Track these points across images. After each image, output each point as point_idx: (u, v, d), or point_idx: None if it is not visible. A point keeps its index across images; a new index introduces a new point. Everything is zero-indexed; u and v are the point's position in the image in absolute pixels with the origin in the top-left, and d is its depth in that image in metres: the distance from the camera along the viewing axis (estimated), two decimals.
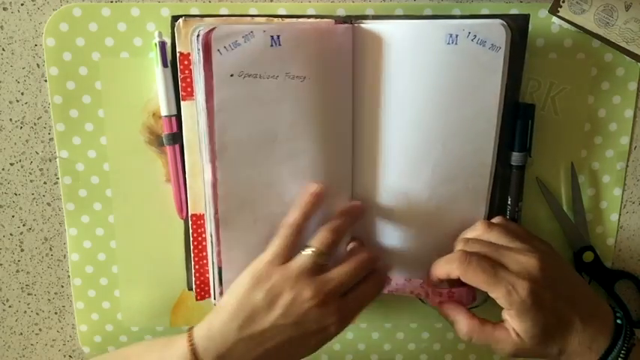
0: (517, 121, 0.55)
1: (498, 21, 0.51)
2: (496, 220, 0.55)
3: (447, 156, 0.54)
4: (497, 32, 0.50)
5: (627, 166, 0.59)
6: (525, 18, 0.52)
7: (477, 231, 0.53)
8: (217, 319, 0.48)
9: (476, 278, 0.48)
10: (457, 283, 0.51)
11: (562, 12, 0.54)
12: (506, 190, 0.57)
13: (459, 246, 0.51)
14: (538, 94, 0.57)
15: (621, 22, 0.54)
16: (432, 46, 0.51)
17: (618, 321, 0.49)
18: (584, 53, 0.56)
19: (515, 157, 0.56)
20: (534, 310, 0.47)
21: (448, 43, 0.51)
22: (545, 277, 0.48)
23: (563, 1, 0.54)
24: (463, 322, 0.51)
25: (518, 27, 0.52)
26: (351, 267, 0.50)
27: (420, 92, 0.52)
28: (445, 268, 0.50)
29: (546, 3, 0.54)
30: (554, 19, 0.54)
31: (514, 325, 0.48)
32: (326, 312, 0.48)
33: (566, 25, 0.55)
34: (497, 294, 0.47)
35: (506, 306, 0.47)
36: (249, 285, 0.48)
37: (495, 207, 0.57)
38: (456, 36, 0.50)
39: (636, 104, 0.57)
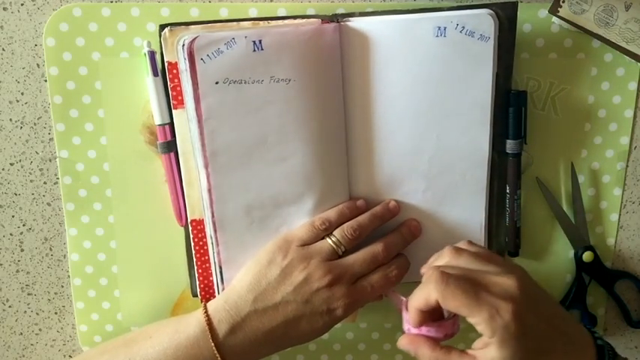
0: (510, 109, 0.55)
1: (486, 11, 0.51)
2: (461, 244, 0.50)
3: (442, 148, 0.54)
4: (485, 22, 0.51)
5: (627, 166, 0.59)
6: (513, 6, 0.52)
7: (445, 257, 0.48)
8: (234, 292, 0.51)
9: (455, 301, 0.43)
10: (430, 318, 0.47)
11: (562, 12, 0.54)
12: (504, 180, 0.57)
13: (427, 274, 0.46)
14: (538, 94, 0.57)
15: (621, 22, 0.54)
16: (420, 40, 0.51)
17: (599, 342, 0.46)
18: (584, 53, 0.56)
19: (511, 145, 0.55)
20: (517, 336, 0.42)
21: (437, 36, 0.51)
22: (526, 298, 0.44)
23: (563, 1, 0.54)
24: (426, 354, 0.46)
25: (506, 15, 0.52)
26: (365, 258, 0.52)
27: (411, 86, 0.53)
28: (423, 294, 0.45)
29: (546, 3, 0.54)
30: (554, 19, 0.54)
31: (492, 353, 0.43)
32: (334, 294, 0.50)
33: (566, 25, 0.55)
34: (479, 318, 0.43)
35: (488, 333, 0.43)
36: (267, 261, 0.51)
37: (495, 197, 0.57)
38: (444, 28, 0.51)
39: (636, 104, 0.57)
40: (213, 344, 0.49)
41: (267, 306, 0.50)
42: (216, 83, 0.50)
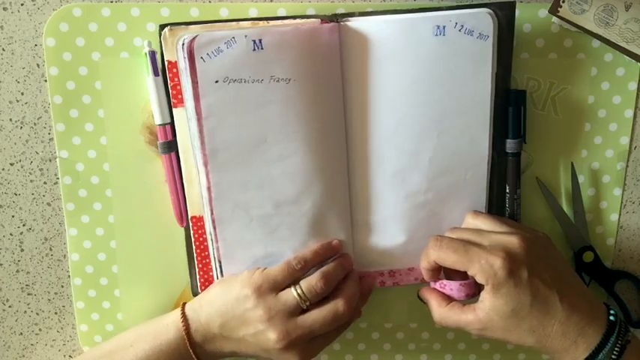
0: (509, 108, 0.55)
1: (485, 10, 0.51)
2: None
3: (442, 148, 0.54)
4: (484, 21, 0.51)
5: (627, 166, 0.59)
6: (511, 6, 0.52)
7: (467, 218, 0.54)
8: (206, 307, 0.52)
9: (449, 259, 0.49)
10: (457, 277, 0.52)
11: (562, 12, 0.54)
12: (503, 179, 0.57)
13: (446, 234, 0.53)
14: (538, 94, 0.57)
15: (621, 22, 0.54)
16: (420, 39, 0.51)
17: (612, 317, 0.47)
18: (584, 53, 0.56)
19: (510, 145, 0.55)
20: (508, 284, 0.46)
21: (436, 35, 0.51)
22: (524, 256, 0.47)
23: (563, 1, 0.54)
24: (434, 309, 0.52)
25: (504, 15, 0.52)
26: (328, 320, 0.51)
27: (411, 85, 0.53)
28: (425, 257, 0.51)
29: (546, 3, 0.54)
30: (554, 19, 0.54)
31: (488, 302, 0.47)
32: (288, 355, 0.51)
33: (566, 25, 0.55)
34: (473, 270, 0.47)
35: (483, 281, 0.47)
36: (237, 296, 0.51)
37: (494, 197, 0.57)
38: (444, 27, 0.51)
39: (636, 104, 0.57)
40: (191, 351, 0.51)
41: (230, 336, 0.52)
42: (216, 82, 0.50)
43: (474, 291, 0.51)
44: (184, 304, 0.54)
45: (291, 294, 0.51)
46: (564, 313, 0.46)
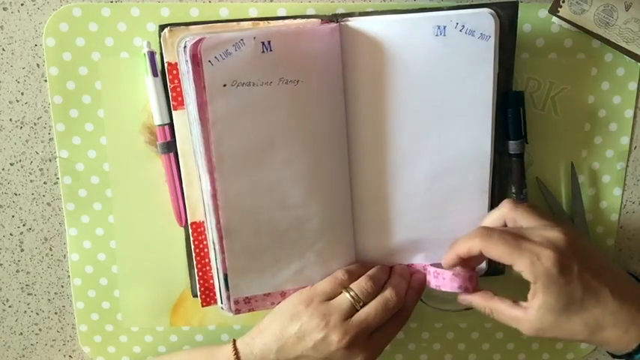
0: (508, 110, 0.55)
1: (486, 10, 0.51)
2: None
3: (443, 148, 0.54)
4: (485, 21, 0.50)
5: (627, 166, 0.59)
6: (513, 6, 0.52)
7: (504, 208, 0.51)
8: (259, 339, 0.53)
9: (497, 250, 0.46)
10: (467, 267, 0.51)
11: (562, 12, 0.54)
12: (506, 181, 0.57)
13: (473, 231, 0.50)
14: (538, 94, 0.57)
15: (621, 22, 0.54)
16: (420, 39, 0.51)
17: None
18: (584, 53, 0.56)
19: (513, 146, 0.55)
20: (560, 281, 0.45)
21: (437, 35, 0.51)
22: (572, 249, 0.46)
23: (563, 1, 0.54)
24: (482, 303, 0.50)
25: (507, 15, 0.52)
26: (379, 309, 0.52)
27: (411, 86, 0.53)
28: (467, 244, 0.48)
29: (546, 3, 0.54)
30: (554, 19, 0.54)
31: (538, 300, 0.46)
32: (352, 353, 0.51)
33: (566, 25, 0.55)
34: (521, 265, 0.45)
35: (531, 278, 0.45)
36: (291, 314, 0.52)
37: (496, 198, 0.57)
38: (444, 27, 0.51)
39: (636, 104, 0.57)
40: None
41: (288, 358, 0.52)
42: (224, 86, 0.48)
43: (465, 285, 0.51)
44: (235, 340, 0.54)
45: (345, 297, 0.53)
46: (615, 304, 0.45)
